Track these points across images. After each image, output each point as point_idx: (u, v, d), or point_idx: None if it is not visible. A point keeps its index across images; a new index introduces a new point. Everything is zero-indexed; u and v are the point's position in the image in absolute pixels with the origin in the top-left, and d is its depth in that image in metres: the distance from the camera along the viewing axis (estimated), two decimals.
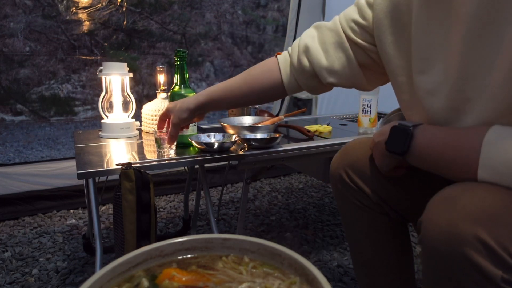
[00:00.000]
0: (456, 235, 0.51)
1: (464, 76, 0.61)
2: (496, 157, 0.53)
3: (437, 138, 0.63)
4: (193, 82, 2.58)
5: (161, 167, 1.04)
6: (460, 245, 0.51)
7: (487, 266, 0.49)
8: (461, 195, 0.54)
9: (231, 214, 1.98)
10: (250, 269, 0.43)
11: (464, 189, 0.55)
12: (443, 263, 0.54)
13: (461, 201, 0.53)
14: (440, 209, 0.55)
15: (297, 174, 2.66)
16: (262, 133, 1.26)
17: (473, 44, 0.59)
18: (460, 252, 0.51)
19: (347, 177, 0.85)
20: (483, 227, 0.50)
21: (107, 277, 0.40)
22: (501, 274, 0.49)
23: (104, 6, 2.05)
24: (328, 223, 1.87)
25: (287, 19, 2.56)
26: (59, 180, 2.01)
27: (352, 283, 1.36)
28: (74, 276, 1.41)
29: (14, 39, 1.94)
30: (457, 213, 0.52)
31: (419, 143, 0.64)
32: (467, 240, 0.50)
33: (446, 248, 0.52)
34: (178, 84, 1.15)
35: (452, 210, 0.53)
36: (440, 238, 0.53)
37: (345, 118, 1.91)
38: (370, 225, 0.85)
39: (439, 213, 0.55)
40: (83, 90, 2.19)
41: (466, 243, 0.50)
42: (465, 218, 0.51)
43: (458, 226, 0.51)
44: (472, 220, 0.51)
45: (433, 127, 0.65)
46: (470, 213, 0.51)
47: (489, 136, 0.55)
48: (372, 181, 0.82)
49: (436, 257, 0.54)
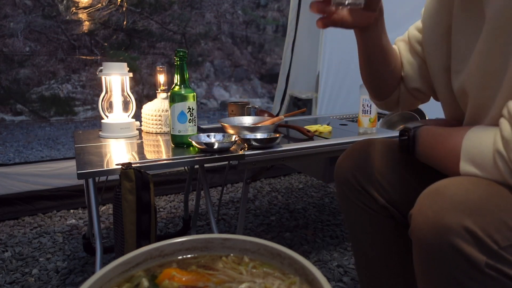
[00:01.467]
0: (442, 225, 0.54)
1: (487, 73, 0.64)
2: (473, 150, 0.59)
3: (432, 138, 0.70)
4: (193, 82, 2.58)
5: (161, 167, 1.04)
6: (446, 234, 0.53)
7: (472, 252, 0.52)
8: (447, 188, 0.57)
9: (231, 214, 1.98)
10: (250, 269, 0.43)
11: (450, 182, 0.58)
12: (432, 252, 0.56)
13: (447, 193, 0.56)
14: (428, 201, 0.58)
15: (297, 174, 2.66)
16: (262, 133, 1.26)
17: (495, 40, 0.61)
18: (447, 241, 0.54)
19: (353, 179, 0.85)
20: (468, 216, 0.53)
21: (107, 277, 0.40)
22: (485, 260, 0.52)
23: (104, 6, 2.05)
24: (328, 223, 1.87)
25: (287, 19, 2.56)
26: (59, 180, 2.01)
27: (352, 283, 1.36)
28: (74, 276, 1.41)
29: (14, 39, 1.94)
30: (443, 204, 0.55)
31: (420, 143, 0.72)
32: (453, 229, 0.53)
33: (434, 237, 0.55)
34: (178, 84, 1.15)
35: (439, 201, 0.56)
36: (428, 228, 0.56)
37: (345, 118, 1.91)
38: (374, 228, 0.85)
39: (427, 205, 0.58)
40: (83, 90, 2.19)
41: (452, 232, 0.53)
42: (451, 208, 0.54)
43: (444, 217, 0.54)
44: (458, 210, 0.54)
45: (431, 128, 0.71)
46: (456, 204, 0.54)
47: (468, 133, 0.60)
48: (379, 184, 0.82)
49: (425, 246, 0.57)
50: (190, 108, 1.15)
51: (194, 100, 1.16)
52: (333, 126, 1.60)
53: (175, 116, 1.15)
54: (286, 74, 2.64)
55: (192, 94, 1.15)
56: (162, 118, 1.40)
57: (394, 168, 0.82)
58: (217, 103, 2.97)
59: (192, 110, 1.15)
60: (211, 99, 2.90)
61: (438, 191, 0.58)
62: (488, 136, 0.57)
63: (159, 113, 1.40)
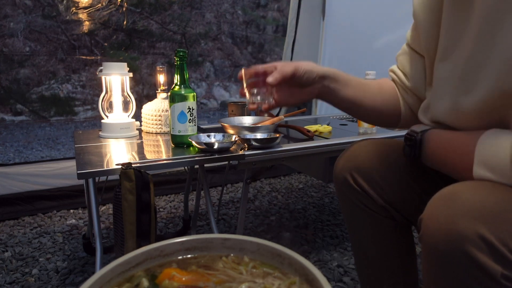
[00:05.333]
0: (456, 232, 0.51)
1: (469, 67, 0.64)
2: (488, 153, 0.57)
3: (442, 142, 0.67)
4: (193, 82, 2.58)
5: (161, 167, 1.04)
6: (460, 241, 0.51)
7: (487, 262, 0.49)
8: (461, 193, 0.55)
9: (231, 214, 1.98)
10: (250, 269, 0.43)
11: (464, 187, 0.56)
12: (443, 260, 0.54)
13: (461, 199, 0.54)
14: (440, 207, 0.55)
15: (297, 174, 2.66)
16: (262, 133, 1.26)
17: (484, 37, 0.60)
18: (460, 249, 0.51)
19: (352, 179, 0.84)
20: (484, 224, 0.50)
21: (107, 277, 0.40)
22: (501, 270, 0.49)
23: (104, 6, 2.05)
24: (328, 223, 1.87)
25: (287, 19, 2.55)
26: (59, 180, 2.01)
27: (352, 283, 1.36)
28: (74, 276, 1.41)
29: (14, 39, 1.94)
30: (457, 210, 0.53)
31: (428, 147, 0.69)
32: (468, 237, 0.50)
33: (446, 244, 0.53)
34: (178, 84, 1.15)
35: (452, 207, 0.53)
36: (440, 235, 0.54)
37: (345, 118, 1.91)
38: (374, 228, 0.85)
39: (440, 210, 0.55)
40: (83, 90, 2.19)
41: (466, 239, 0.50)
42: (465, 215, 0.52)
43: (458, 223, 0.51)
44: (473, 217, 0.51)
45: (439, 131, 0.69)
46: (470, 210, 0.52)
47: (483, 136, 0.58)
48: (378, 184, 0.82)
49: (436, 253, 0.55)
50: (190, 108, 1.15)
51: (194, 100, 1.16)
52: (333, 126, 1.60)
53: (175, 116, 1.15)
54: None
55: (192, 94, 1.15)
56: (162, 118, 1.40)
57: (392, 168, 0.82)
58: (217, 103, 2.97)
59: (192, 110, 1.15)
60: (211, 99, 2.89)
61: (452, 196, 0.55)
62: (505, 140, 0.55)
63: (159, 113, 1.40)
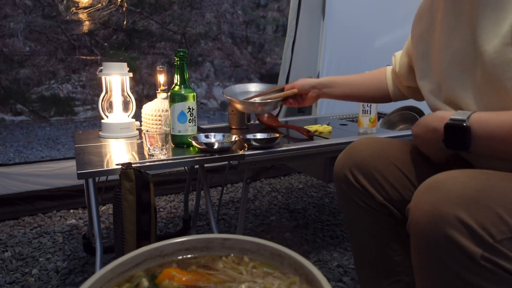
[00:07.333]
0: (439, 216, 0.55)
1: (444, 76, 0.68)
2: None
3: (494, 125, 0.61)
4: (193, 82, 2.58)
5: (161, 167, 1.04)
6: (442, 225, 0.54)
7: (468, 245, 0.53)
8: (444, 182, 0.58)
9: (231, 214, 1.98)
10: (250, 269, 0.43)
11: (447, 176, 0.59)
12: (428, 244, 0.57)
13: (444, 187, 0.57)
14: (425, 195, 0.59)
15: (297, 174, 2.66)
16: (262, 133, 1.26)
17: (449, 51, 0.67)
18: (443, 233, 0.54)
19: (352, 177, 0.85)
20: (464, 209, 0.53)
21: (107, 277, 0.40)
22: (481, 252, 0.52)
23: (104, 6, 2.05)
24: (328, 223, 1.87)
25: (287, 19, 2.56)
26: (59, 180, 2.01)
27: (352, 283, 1.36)
28: (74, 276, 1.41)
29: (14, 39, 1.94)
30: (440, 197, 0.56)
31: (479, 134, 0.62)
32: (449, 221, 0.54)
33: (430, 229, 0.56)
34: (178, 84, 1.15)
35: (436, 194, 0.57)
36: (424, 221, 0.57)
37: (345, 118, 1.91)
38: (374, 226, 0.85)
39: (424, 198, 0.58)
40: (83, 90, 2.19)
41: (447, 223, 0.54)
42: (447, 201, 0.55)
43: (440, 208, 0.55)
44: (454, 202, 0.54)
45: (484, 114, 0.63)
46: (452, 196, 0.55)
47: None
48: (377, 181, 0.82)
49: (422, 239, 0.58)
50: (190, 108, 1.15)
51: (194, 100, 1.16)
52: (333, 126, 1.60)
53: (175, 116, 1.15)
54: (286, 74, 2.64)
55: (192, 94, 1.15)
56: (162, 118, 1.40)
57: (391, 166, 0.83)
58: (217, 103, 2.97)
59: (192, 110, 1.15)
60: (211, 99, 2.89)
61: (435, 185, 0.59)
62: None
63: (159, 113, 1.40)
